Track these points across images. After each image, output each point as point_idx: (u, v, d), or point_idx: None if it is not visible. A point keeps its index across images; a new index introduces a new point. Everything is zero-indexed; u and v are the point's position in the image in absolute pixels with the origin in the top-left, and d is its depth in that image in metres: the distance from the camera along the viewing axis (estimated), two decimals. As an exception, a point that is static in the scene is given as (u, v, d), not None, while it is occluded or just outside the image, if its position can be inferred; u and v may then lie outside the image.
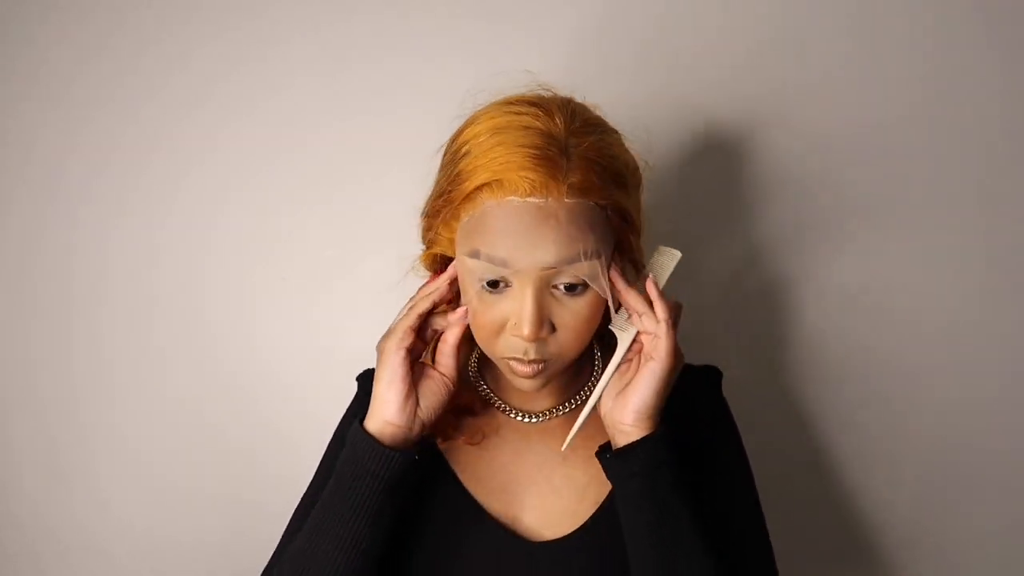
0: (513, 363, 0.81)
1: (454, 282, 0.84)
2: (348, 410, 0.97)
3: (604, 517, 0.86)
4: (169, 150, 1.14)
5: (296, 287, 1.16)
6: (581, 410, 0.87)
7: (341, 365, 1.02)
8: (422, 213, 0.86)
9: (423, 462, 0.84)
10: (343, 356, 0.99)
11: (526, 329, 0.77)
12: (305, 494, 0.92)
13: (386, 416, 0.81)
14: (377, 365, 0.83)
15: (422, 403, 0.83)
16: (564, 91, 0.85)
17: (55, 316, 1.17)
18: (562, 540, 0.85)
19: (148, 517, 1.19)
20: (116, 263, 1.16)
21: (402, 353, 0.81)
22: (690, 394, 0.90)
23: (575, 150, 0.77)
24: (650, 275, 0.83)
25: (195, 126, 1.13)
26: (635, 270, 0.86)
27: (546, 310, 0.79)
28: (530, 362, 0.80)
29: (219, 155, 1.14)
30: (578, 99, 0.84)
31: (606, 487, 0.86)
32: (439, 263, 0.87)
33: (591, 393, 0.89)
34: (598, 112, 0.84)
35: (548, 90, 0.84)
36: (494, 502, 0.87)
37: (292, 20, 1.12)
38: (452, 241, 0.81)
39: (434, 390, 0.84)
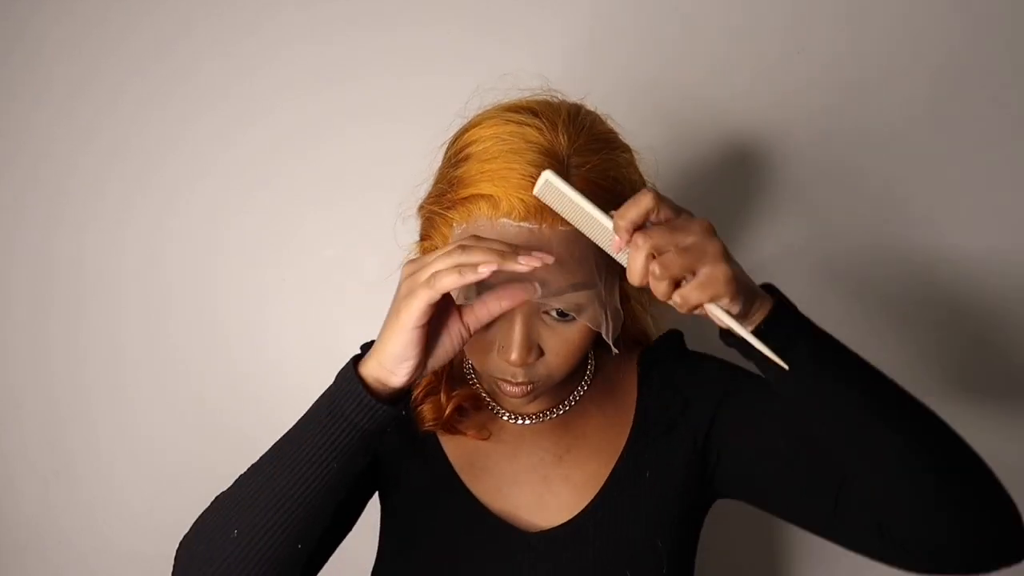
0: (502, 384, 0.79)
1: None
2: None
3: (603, 503, 0.84)
4: (178, 156, 1.16)
5: (299, 287, 1.17)
6: (572, 412, 0.87)
7: (342, 362, 1.01)
8: (419, 206, 0.82)
9: (429, 458, 0.85)
10: (344, 353, 0.99)
11: (514, 355, 0.74)
12: None
13: (385, 363, 0.69)
14: (399, 300, 0.68)
15: (438, 350, 0.71)
16: (574, 97, 0.81)
17: (68, 314, 1.18)
18: (558, 528, 0.84)
19: (155, 507, 1.21)
20: (126, 263, 1.17)
21: (430, 309, 0.67)
22: (666, 369, 0.88)
23: (577, 171, 0.72)
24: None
25: (203, 132, 1.15)
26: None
27: (535, 337, 0.75)
28: (517, 384, 0.78)
29: (226, 160, 1.16)
30: (588, 107, 0.80)
31: (601, 481, 0.85)
32: None
33: (579, 395, 0.88)
34: (609, 123, 0.80)
35: (556, 95, 0.80)
36: (491, 499, 0.86)
37: (296, 31, 1.13)
38: (447, 240, 0.77)
39: (452, 338, 0.72)
